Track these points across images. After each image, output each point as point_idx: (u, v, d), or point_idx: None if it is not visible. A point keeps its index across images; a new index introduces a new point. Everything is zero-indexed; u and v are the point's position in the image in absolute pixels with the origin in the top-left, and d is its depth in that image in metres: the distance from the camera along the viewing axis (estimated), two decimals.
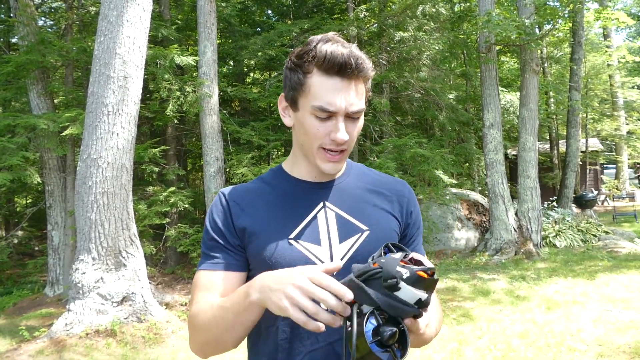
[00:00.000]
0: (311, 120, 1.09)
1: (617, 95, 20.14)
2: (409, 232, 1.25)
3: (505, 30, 8.57)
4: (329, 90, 1.05)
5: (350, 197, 1.20)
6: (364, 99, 1.10)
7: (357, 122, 1.11)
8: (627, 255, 8.86)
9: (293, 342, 1.10)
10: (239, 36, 11.17)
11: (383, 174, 1.32)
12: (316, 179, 1.21)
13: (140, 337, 5.35)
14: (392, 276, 0.79)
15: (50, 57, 7.54)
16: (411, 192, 1.29)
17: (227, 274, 1.14)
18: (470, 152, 12.82)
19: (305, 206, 1.17)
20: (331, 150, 1.11)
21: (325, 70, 1.05)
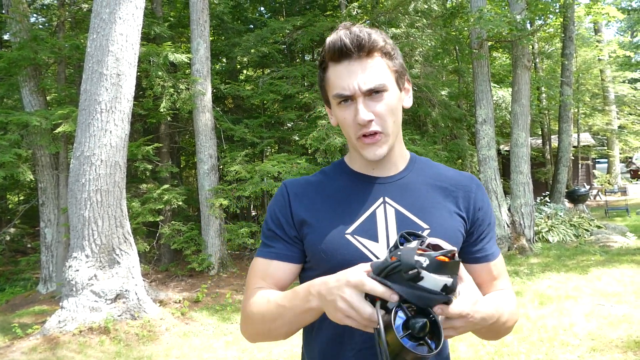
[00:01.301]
0: (339, 112, 1.10)
1: (608, 90, 20.27)
2: (477, 229, 1.19)
3: (497, 26, 8.59)
4: (340, 76, 1.06)
5: (411, 193, 1.16)
6: (384, 74, 1.07)
7: (381, 99, 1.06)
8: (619, 249, 8.93)
9: (344, 337, 1.10)
10: (232, 33, 11.15)
11: (450, 168, 1.26)
12: (374, 172, 1.19)
13: (134, 335, 5.35)
14: (412, 267, 0.78)
15: (43, 54, 7.49)
16: (480, 187, 1.22)
17: (281, 264, 1.15)
18: (463, 149, 12.86)
19: (364, 201, 1.15)
20: (364, 136, 1.08)
21: (333, 59, 1.07)
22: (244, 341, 5.34)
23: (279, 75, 9.86)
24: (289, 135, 10.68)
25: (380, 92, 1.05)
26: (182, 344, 5.32)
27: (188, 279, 8.30)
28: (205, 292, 7.25)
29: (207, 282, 7.82)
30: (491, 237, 1.21)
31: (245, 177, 8.27)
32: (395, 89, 1.09)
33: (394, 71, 1.09)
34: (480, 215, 1.19)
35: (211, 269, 8.46)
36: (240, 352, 5.03)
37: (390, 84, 1.07)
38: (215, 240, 8.62)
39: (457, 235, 1.13)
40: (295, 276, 1.19)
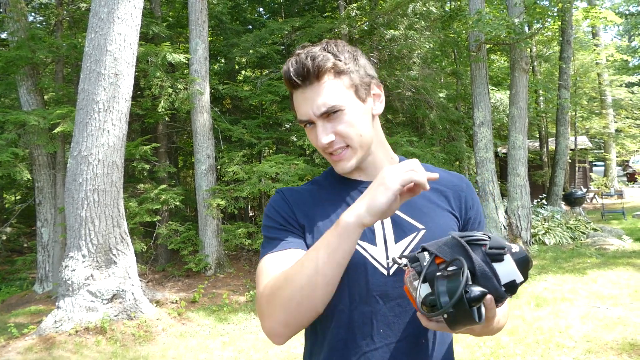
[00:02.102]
0: (307, 133, 1.14)
1: (605, 94, 20.33)
2: (469, 228, 1.21)
3: (495, 29, 8.62)
4: (298, 102, 1.10)
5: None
6: (337, 93, 1.06)
7: (339, 119, 1.07)
8: (615, 252, 8.96)
9: (348, 343, 1.09)
10: (231, 34, 11.15)
11: (439, 169, 1.25)
12: (362, 177, 1.20)
13: (131, 335, 5.34)
14: (502, 246, 0.80)
15: (40, 53, 7.48)
16: (469, 186, 1.24)
17: (294, 251, 1.08)
18: (460, 151, 12.89)
19: None
20: (331, 154, 1.11)
21: (289, 87, 1.10)
22: (240, 342, 5.34)
23: (277, 76, 9.86)
24: (287, 136, 10.68)
25: (336, 112, 1.06)
26: (179, 344, 5.32)
27: (185, 280, 8.29)
28: (202, 292, 7.24)
29: (204, 282, 7.81)
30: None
31: (242, 177, 8.27)
32: (354, 104, 1.09)
33: (351, 86, 1.09)
34: (472, 214, 1.21)
35: (208, 270, 8.46)
36: (236, 352, 5.03)
37: (346, 101, 1.07)
38: (213, 240, 8.62)
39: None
40: None
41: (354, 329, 1.09)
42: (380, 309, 1.08)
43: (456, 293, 0.76)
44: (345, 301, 1.08)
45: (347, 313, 1.09)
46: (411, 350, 1.10)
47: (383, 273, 1.09)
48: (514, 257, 0.81)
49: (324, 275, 0.93)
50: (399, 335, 1.09)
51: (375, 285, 1.08)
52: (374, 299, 1.08)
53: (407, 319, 1.10)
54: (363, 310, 1.08)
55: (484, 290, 0.78)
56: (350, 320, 1.09)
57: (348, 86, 1.09)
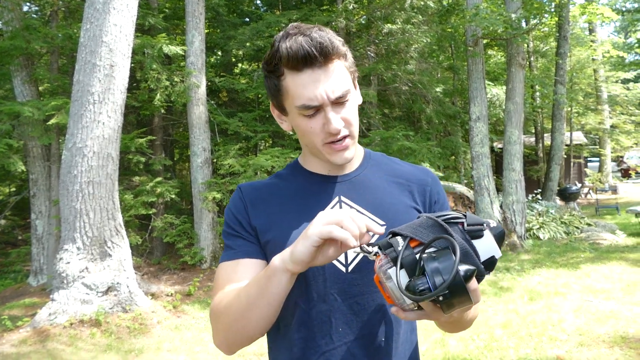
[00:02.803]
0: (302, 121, 1.06)
1: (601, 90, 20.39)
2: None
3: (492, 24, 8.62)
4: (305, 86, 1.00)
5: (367, 190, 1.15)
6: (346, 78, 1.04)
7: (346, 105, 1.05)
8: (609, 247, 9.02)
9: (308, 342, 1.07)
10: (227, 26, 11.10)
11: (405, 163, 1.25)
12: (330, 172, 1.16)
13: (125, 327, 5.34)
14: (480, 222, 0.78)
15: (35, 43, 7.42)
16: (435, 181, 1.21)
17: (248, 261, 1.10)
18: (456, 145, 12.91)
19: (320, 201, 1.13)
20: (334, 142, 1.06)
21: (293, 67, 1.00)
22: None
23: None
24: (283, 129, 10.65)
25: (345, 98, 1.03)
26: (174, 337, 5.32)
27: (180, 272, 8.29)
28: (197, 285, 7.25)
29: (199, 275, 7.81)
30: None
31: (238, 170, 8.26)
32: (354, 90, 1.09)
33: (351, 72, 1.08)
34: (437, 208, 1.18)
35: (203, 263, 8.46)
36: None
37: (350, 85, 1.06)
38: (208, 233, 8.61)
39: None
40: None
41: (313, 328, 1.06)
42: (338, 306, 1.06)
43: (451, 272, 0.72)
44: (304, 299, 1.07)
45: (307, 311, 1.07)
46: (370, 349, 1.07)
47: (341, 270, 1.06)
48: (492, 232, 0.79)
49: (256, 310, 0.96)
50: (358, 334, 1.06)
51: (333, 282, 1.06)
52: (332, 296, 1.06)
53: (366, 317, 1.07)
54: (321, 309, 1.06)
55: (474, 267, 0.76)
56: (309, 319, 1.06)
57: (350, 72, 1.07)
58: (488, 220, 0.79)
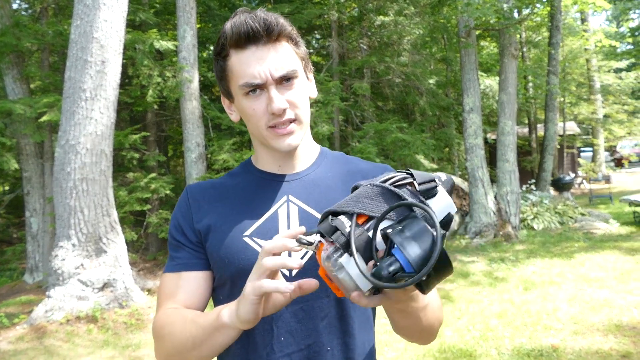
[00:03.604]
0: (245, 102, 1.01)
1: (593, 79, 20.44)
2: None
3: (485, 14, 8.62)
4: (249, 63, 0.97)
5: (317, 189, 1.08)
6: (293, 60, 1.00)
7: (292, 87, 1.00)
8: (602, 236, 9.08)
9: (249, 352, 1.02)
10: (219, 20, 11.03)
11: (363, 161, 1.18)
12: (280, 169, 1.11)
13: (122, 323, 5.35)
14: (430, 178, 0.70)
15: (26, 40, 7.36)
16: None
17: (189, 274, 1.05)
18: (450, 137, 12.94)
19: (266, 201, 1.07)
20: (277, 127, 1.01)
21: (237, 45, 0.98)
22: None
23: None
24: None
25: (291, 80, 1.00)
26: None
27: None
28: None
29: None
30: None
31: (233, 165, 8.25)
32: (303, 76, 1.05)
33: (301, 58, 1.05)
34: None
35: None
36: None
37: (299, 70, 1.02)
38: None
39: None
40: (209, 286, 1.07)
41: (255, 337, 1.00)
42: (281, 314, 0.98)
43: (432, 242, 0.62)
44: None
45: None
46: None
47: (285, 274, 0.99)
48: (445, 187, 0.72)
49: (199, 352, 0.93)
50: (302, 344, 0.99)
51: None
52: None
53: (312, 325, 1.00)
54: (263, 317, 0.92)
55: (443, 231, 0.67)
56: (250, 328, 0.93)
57: (299, 57, 1.04)
58: (438, 174, 0.73)
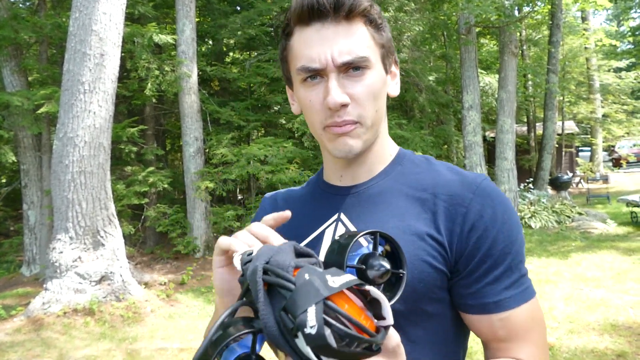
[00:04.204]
0: (302, 91, 0.83)
1: (593, 79, 20.43)
2: (468, 262, 0.79)
3: (485, 11, 8.61)
4: (309, 43, 0.80)
5: (374, 207, 0.87)
6: (365, 44, 0.80)
7: (361, 79, 0.80)
8: (599, 235, 9.10)
9: None
10: (218, 14, 11.00)
11: (452, 170, 0.88)
12: (342, 180, 0.92)
13: (119, 316, 5.35)
14: (294, 314, 0.49)
15: (24, 33, 7.34)
16: (483, 197, 0.81)
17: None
18: (449, 134, 12.93)
19: (319, 218, 0.91)
20: (334, 126, 0.81)
21: (299, 21, 0.81)
22: None
23: (265, 57, 9.78)
24: (276, 118, 10.64)
25: (360, 69, 0.80)
26: (167, 325, 5.34)
27: (173, 262, 8.29)
28: (190, 274, 7.26)
29: (192, 264, 7.83)
30: (499, 277, 0.79)
31: (231, 160, 8.24)
32: (380, 68, 0.83)
33: (381, 45, 0.83)
34: (474, 238, 0.79)
35: (197, 252, 8.46)
36: None
37: (374, 59, 0.81)
38: (201, 223, 8.61)
39: (423, 268, 0.78)
40: None
41: None
42: None
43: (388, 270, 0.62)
44: None
45: None
46: None
47: None
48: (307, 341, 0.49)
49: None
50: None
51: None
52: None
53: None
54: None
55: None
56: None
57: (377, 44, 0.83)
58: (306, 318, 0.48)
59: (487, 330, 0.80)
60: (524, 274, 0.82)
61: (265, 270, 0.55)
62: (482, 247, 0.78)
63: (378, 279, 0.61)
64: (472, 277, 0.79)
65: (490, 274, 0.79)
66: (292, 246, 0.61)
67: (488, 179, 0.84)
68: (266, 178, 7.93)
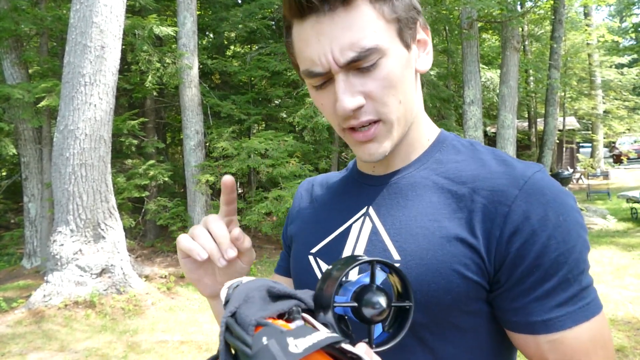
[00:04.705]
0: (313, 95, 0.74)
1: (595, 75, 20.40)
2: (510, 271, 0.65)
3: (488, 6, 8.58)
4: (305, 41, 0.68)
5: (404, 201, 0.75)
6: (373, 29, 0.66)
7: (374, 71, 0.67)
8: (600, 231, 9.11)
9: None
10: (219, 7, 10.96)
11: (500, 158, 0.73)
12: (375, 170, 0.82)
13: (120, 309, 5.37)
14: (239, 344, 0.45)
15: (24, 25, 7.32)
16: (532, 195, 0.66)
17: (280, 277, 0.96)
18: (450, 129, 12.88)
19: (347, 211, 0.82)
20: (355, 128, 0.71)
21: (295, 15, 0.68)
22: None
23: (267, 51, 9.75)
24: (277, 112, 10.62)
25: (371, 61, 0.66)
26: (168, 318, 5.35)
27: (174, 255, 8.31)
28: None
29: None
30: (550, 292, 0.64)
31: (232, 153, 8.24)
32: (397, 48, 0.69)
33: (395, 20, 0.68)
34: (517, 244, 0.65)
35: None
36: None
37: (386, 42, 0.67)
38: (202, 216, 8.61)
39: (451, 278, 0.67)
40: None
41: None
42: None
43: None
44: None
45: None
46: None
47: None
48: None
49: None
50: None
51: None
52: None
53: None
54: None
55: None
56: None
57: (390, 20, 0.68)
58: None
59: (534, 352, 0.67)
60: (586, 286, 0.66)
61: (228, 327, 0.49)
62: (529, 255, 0.64)
63: (376, 317, 0.54)
64: (517, 291, 0.66)
65: (540, 287, 0.64)
66: (266, 289, 0.52)
67: (543, 170, 0.69)
68: (267, 172, 7.93)
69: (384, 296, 0.55)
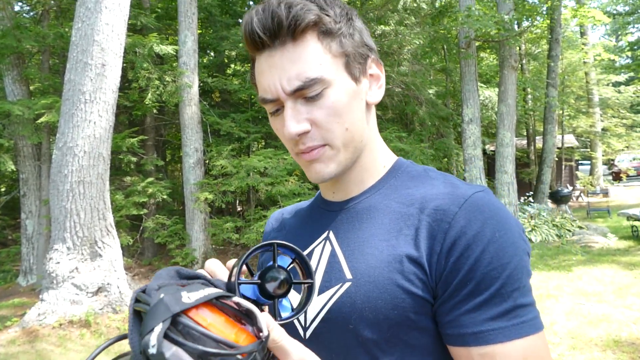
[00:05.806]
0: (271, 121, 0.81)
1: (592, 93, 20.53)
2: (447, 285, 0.68)
3: (485, 25, 8.66)
4: (262, 73, 0.75)
5: (359, 224, 0.80)
6: (317, 64, 0.72)
7: (319, 100, 0.73)
8: (600, 249, 9.06)
9: None
10: (220, 27, 11.07)
11: (447, 182, 0.78)
12: (334, 196, 0.87)
13: (116, 328, 5.30)
14: (143, 335, 0.48)
15: (26, 42, 7.37)
16: (470, 212, 0.69)
17: None
18: (449, 147, 12.94)
19: (311, 235, 0.87)
20: (302, 152, 0.77)
21: (253, 49, 0.76)
22: None
23: None
24: None
25: (317, 90, 0.73)
26: None
27: None
28: None
29: None
30: (481, 305, 0.67)
31: (231, 171, 8.23)
32: (343, 80, 0.75)
33: (342, 54, 0.75)
34: (453, 258, 0.68)
35: (195, 264, 8.41)
36: None
37: (331, 74, 0.73)
38: (200, 234, 8.57)
39: (396, 294, 0.70)
40: None
41: None
42: None
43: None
44: None
45: None
46: None
47: (300, 334, 0.79)
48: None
49: None
50: None
51: None
52: None
53: None
54: None
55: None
56: None
57: (336, 54, 0.75)
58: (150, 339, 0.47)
59: None
60: (522, 304, 0.67)
61: (137, 298, 0.53)
62: (463, 268, 0.67)
63: (277, 290, 0.60)
64: (451, 303, 0.68)
65: (472, 300, 0.67)
66: (175, 270, 0.58)
67: (485, 191, 0.73)
68: (266, 190, 7.91)
69: (284, 273, 0.61)
